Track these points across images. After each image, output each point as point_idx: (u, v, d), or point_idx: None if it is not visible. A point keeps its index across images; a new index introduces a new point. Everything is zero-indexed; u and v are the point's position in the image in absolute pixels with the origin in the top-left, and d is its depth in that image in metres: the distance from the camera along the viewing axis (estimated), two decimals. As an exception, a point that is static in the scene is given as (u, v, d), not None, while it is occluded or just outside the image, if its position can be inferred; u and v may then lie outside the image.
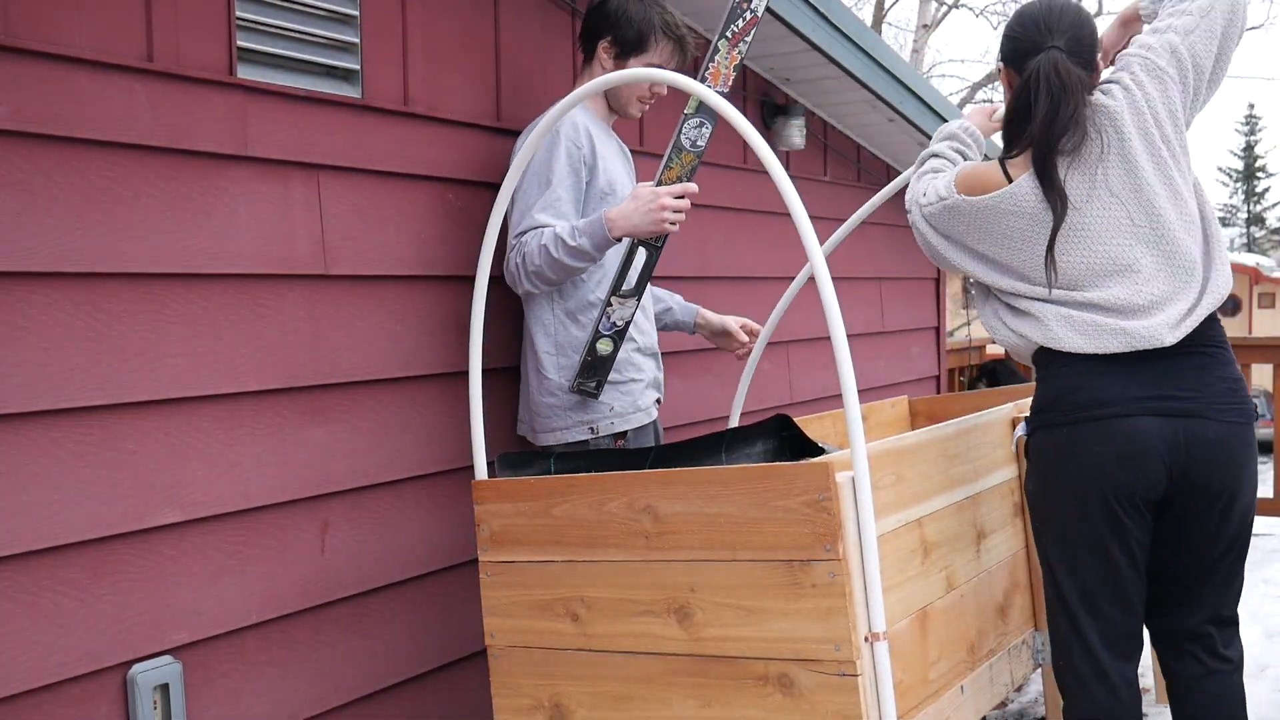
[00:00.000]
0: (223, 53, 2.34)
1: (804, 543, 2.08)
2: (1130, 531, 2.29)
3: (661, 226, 2.60)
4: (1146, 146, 2.28)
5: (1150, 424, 2.23)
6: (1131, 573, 2.33)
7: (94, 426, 2.14)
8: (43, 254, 2.05)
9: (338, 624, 2.60)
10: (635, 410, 2.85)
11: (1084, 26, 2.34)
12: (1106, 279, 2.28)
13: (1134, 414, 2.24)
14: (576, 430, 2.79)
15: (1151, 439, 2.23)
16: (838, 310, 2.06)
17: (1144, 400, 2.24)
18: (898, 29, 29.69)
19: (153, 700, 2.20)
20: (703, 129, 2.66)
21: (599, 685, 2.34)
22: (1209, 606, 2.38)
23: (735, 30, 2.65)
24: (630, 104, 2.94)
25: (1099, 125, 2.27)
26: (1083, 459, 2.28)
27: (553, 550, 2.37)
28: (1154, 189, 2.27)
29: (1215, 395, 2.25)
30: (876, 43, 4.22)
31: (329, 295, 2.56)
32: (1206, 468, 2.25)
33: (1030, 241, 2.32)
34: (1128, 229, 2.28)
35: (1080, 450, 2.29)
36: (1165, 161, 2.29)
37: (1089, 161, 2.28)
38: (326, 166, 2.55)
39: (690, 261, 3.83)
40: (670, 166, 2.67)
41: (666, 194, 2.60)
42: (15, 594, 2.03)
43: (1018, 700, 3.85)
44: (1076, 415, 2.29)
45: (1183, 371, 2.25)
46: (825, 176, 4.77)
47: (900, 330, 5.46)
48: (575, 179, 2.76)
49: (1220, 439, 2.25)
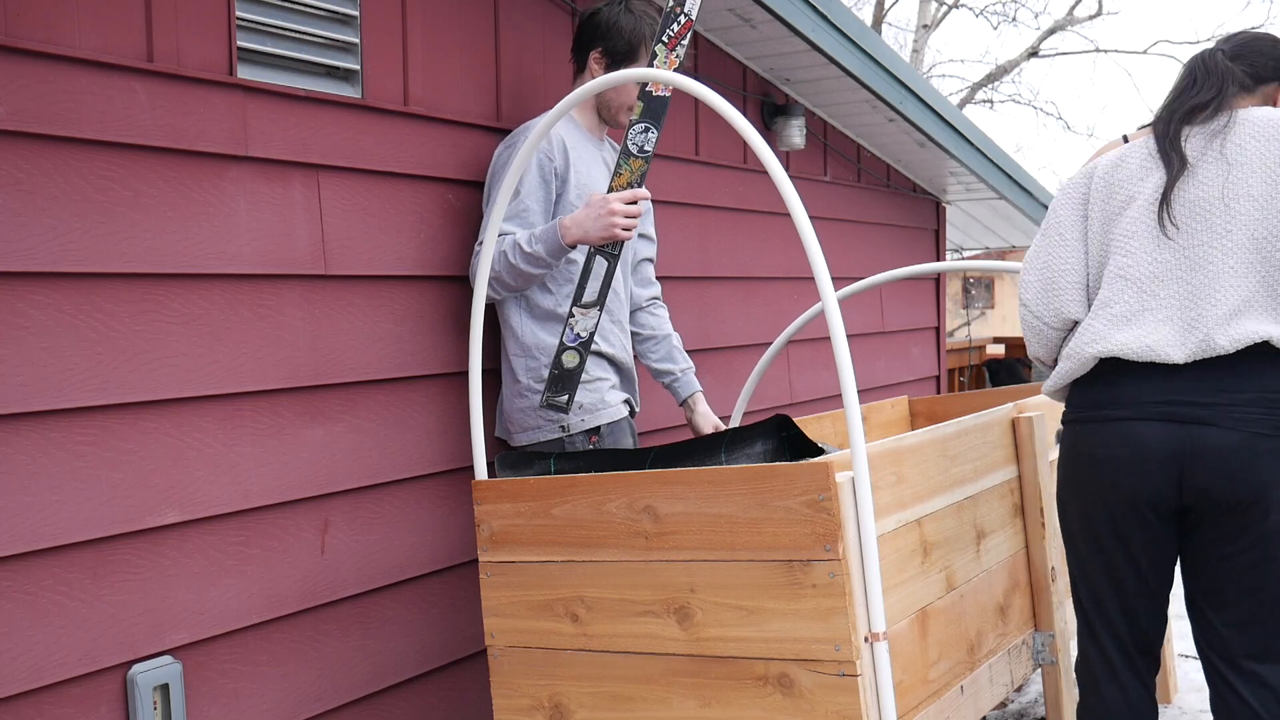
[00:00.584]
0: (223, 53, 2.34)
1: (804, 543, 2.08)
2: (1132, 534, 2.28)
3: (612, 232, 2.62)
4: (1264, 188, 2.20)
5: (1153, 429, 2.22)
6: (1135, 582, 2.30)
7: (94, 426, 2.14)
8: (43, 254, 2.05)
9: (338, 624, 2.60)
10: (604, 406, 2.86)
11: (1260, 41, 2.39)
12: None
13: (1139, 418, 2.23)
14: (548, 429, 2.81)
15: (1153, 445, 2.22)
16: (838, 310, 2.06)
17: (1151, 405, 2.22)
18: (898, 29, 29.66)
19: (153, 700, 2.20)
20: (649, 134, 2.67)
21: (599, 685, 2.34)
22: (1258, 634, 2.25)
23: (671, 34, 2.65)
24: (620, 112, 2.95)
25: (1243, 127, 2.25)
26: (1088, 460, 2.29)
27: (552, 550, 2.37)
28: (1234, 220, 2.20)
29: (1237, 404, 2.19)
30: (876, 43, 4.22)
31: (329, 295, 2.56)
32: (1214, 478, 2.19)
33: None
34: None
35: (1086, 451, 2.29)
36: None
37: (1212, 134, 2.28)
38: (326, 166, 2.55)
39: (691, 261, 3.83)
40: (620, 173, 2.68)
41: (616, 200, 2.62)
42: (15, 594, 2.03)
43: (1018, 700, 3.85)
44: (1086, 414, 2.30)
45: (1202, 380, 2.21)
46: (825, 176, 4.77)
47: (900, 330, 5.46)
48: (545, 190, 2.79)
49: (1235, 448, 2.18)
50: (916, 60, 16.50)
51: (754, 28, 3.76)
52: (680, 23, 2.65)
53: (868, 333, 5.11)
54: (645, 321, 3.16)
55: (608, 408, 2.87)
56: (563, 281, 2.82)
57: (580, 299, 2.71)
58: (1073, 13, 17.16)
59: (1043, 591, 2.95)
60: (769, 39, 3.84)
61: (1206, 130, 2.27)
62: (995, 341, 8.96)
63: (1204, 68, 2.34)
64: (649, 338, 3.16)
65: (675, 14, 2.64)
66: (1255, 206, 2.19)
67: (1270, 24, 18.67)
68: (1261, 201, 2.19)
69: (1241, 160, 2.22)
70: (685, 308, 3.80)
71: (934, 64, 21.51)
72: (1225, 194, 2.21)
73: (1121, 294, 2.27)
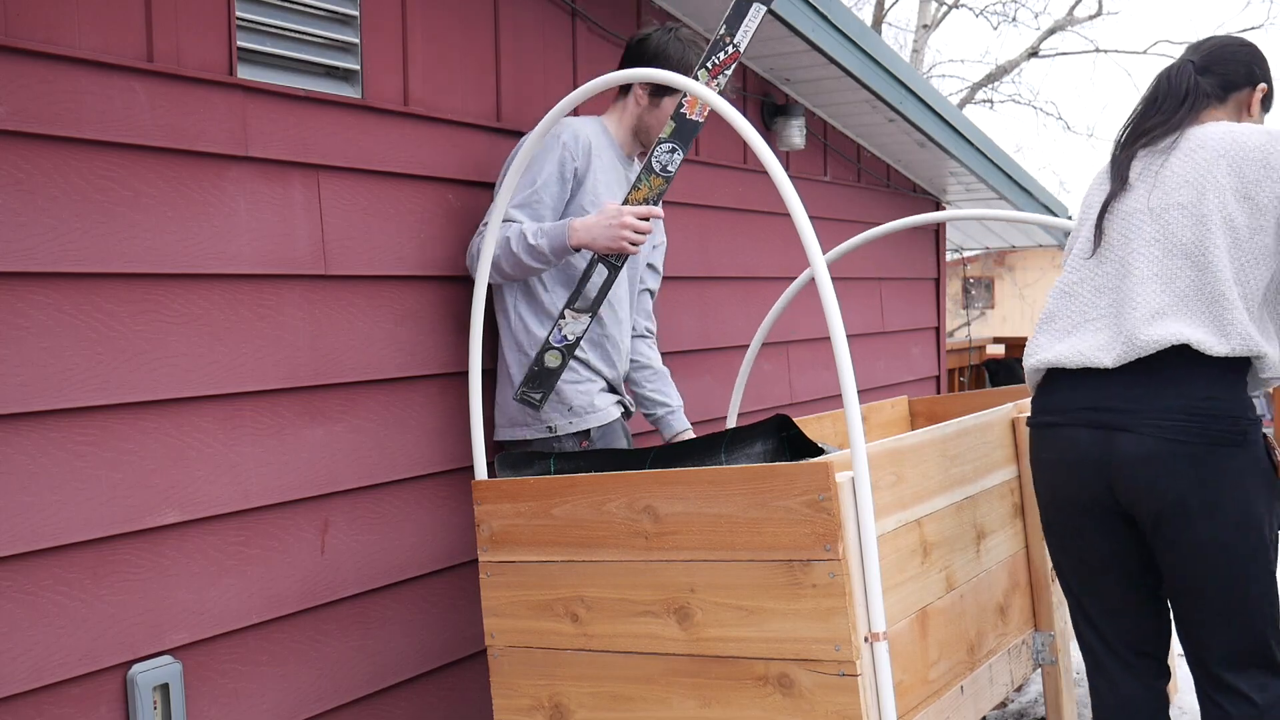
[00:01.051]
0: (223, 53, 2.34)
1: (804, 543, 2.08)
2: (1086, 535, 2.31)
3: (620, 244, 2.62)
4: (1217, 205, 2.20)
5: (1080, 434, 2.25)
6: (1105, 577, 2.32)
7: (94, 426, 2.14)
8: (43, 254, 2.05)
9: (338, 624, 2.60)
10: (593, 410, 2.85)
11: (1229, 48, 2.39)
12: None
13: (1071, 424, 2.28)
14: (535, 428, 2.81)
15: (1082, 450, 2.25)
16: (838, 310, 2.06)
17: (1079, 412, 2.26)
18: (898, 29, 29.67)
19: (153, 700, 2.20)
20: (674, 155, 2.67)
21: (599, 685, 2.34)
22: (1225, 640, 2.21)
23: (715, 62, 2.65)
24: (655, 132, 2.94)
25: (1187, 144, 2.27)
26: (1036, 463, 2.39)
27: (552, 550, 2.37)
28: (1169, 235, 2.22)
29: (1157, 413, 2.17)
30: (876, 43, 4.22)
31: (329, 295, 2.56)
32: (1134, 486, 2.20)
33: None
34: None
35: (1034, 454, 2.40)
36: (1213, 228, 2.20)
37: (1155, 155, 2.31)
38: (326, 166, 2.55)
39: (691, 261, 3.83)
40: (638, 188, 2.68)
41: (630, 213, 2.62)
42: (15, 594, 2.03)
43: (1018, 700, 3.85)
44: (1034, 419, 2.38)
45: (1129, 386, 2.20)
46: (825, 176, 4.77)
47: (900, 330, 5.47)
48: (561, 186, 2.78)
49: (1150, 455, 2.16)
50: (916, 60, 16.49)
51: (754, 28, 3.76)
52: (727, 52, 2.65)
53: (868, 333, 5.11)
54: (640, 350, 3.14)
55: (596, 411, 2.86)
56: (565, 281, 2.82)
57: (574, 302, 2.71)
58: (1073, 13, 17.16)
59: (1043, 591, 2.95)
60: (769, 39, 3.84)
61: (1153, 150, 2.31)
62: (995, 341, 8.96)
63: (1167, 85, 2.35)
64: (644, 366, 3.14)
65: (724, 42, 2.64)
66: (1184, 214, 2.21)
67: (1270, 23, 18.67)
68: (1189, 209, 2.20)
69: (1172, 172, 2.25)
70: (685, 308, 3.80)
71: (934, 64, 21.50)
72: (1152, 204, 2.25)
73: (1064, 308, 2.33)
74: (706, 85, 2.62)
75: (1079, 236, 2.37)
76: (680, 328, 3.78)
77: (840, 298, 2.10)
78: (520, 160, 2.57)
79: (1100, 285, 2.29)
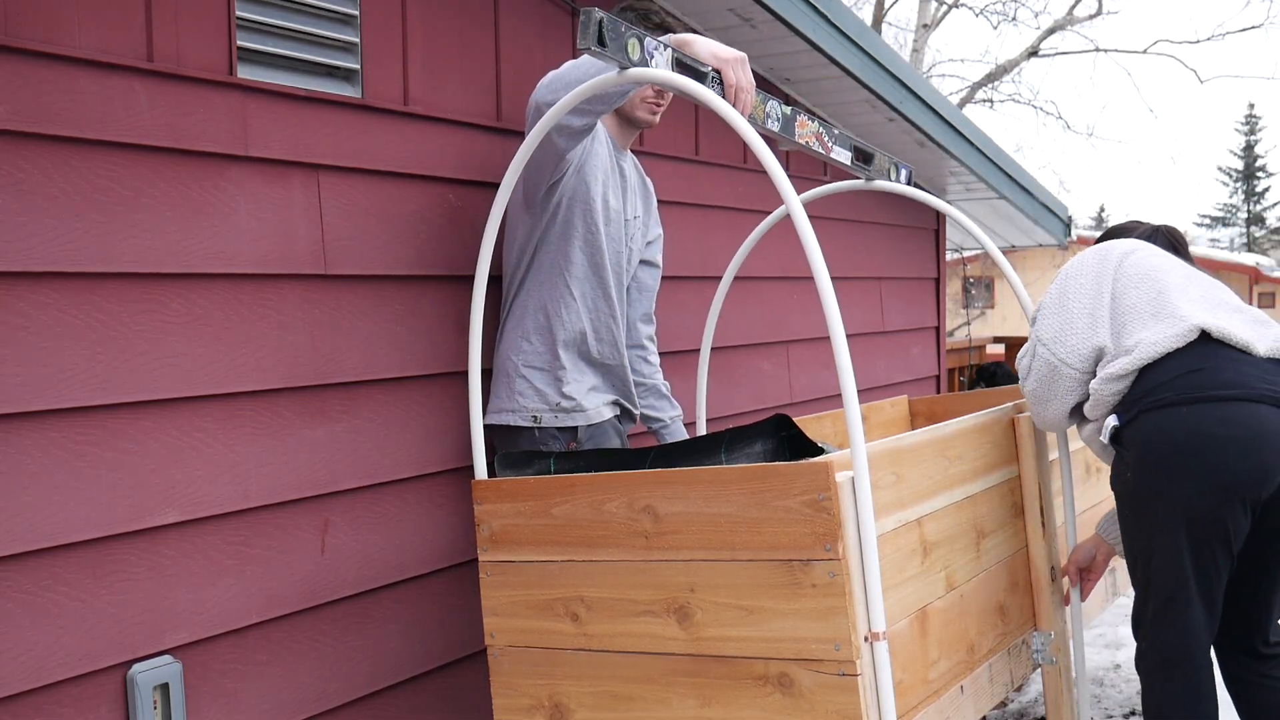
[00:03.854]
0: (223, 52, 2.34)
1: (804, 543, 2.08)
2: (1236, 519, 2.33)
3: (729, 69, 2.43)
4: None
5: (1273, 412, 2.28)
6: (1228, 564, 2.36)
7: (94, 426, 2.14)
8: (42, 254, 2.05)
9: (338, 624, 2.60)
10: (579, 409, 2.82)
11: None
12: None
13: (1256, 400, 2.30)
14: (520, 415, 2.78)
15: (1270, 425, 2.27)
16: (837, 310, 2.06)
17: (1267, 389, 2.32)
18: (898, 29, 29.68)
19: (153, 700, 2.20)
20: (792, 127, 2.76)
21: (599, 685, 2.34)
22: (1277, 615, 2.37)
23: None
24: (637, 108, 2.89)
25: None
26: (1201, 439, 2.33)
27: (552, 550, 2.37)
28: None
29: None
30: (876, 42, 4.22)
31: (329, 295, 2.56)
32: None
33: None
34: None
35: (1202, 430, 2.32)
36: None
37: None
38: (326, 166, 2.55)
39: (691, 261, 3.83)
40: (759, 105, 2.63)
41: (749, 78, 2.49)
42: (15, 594, 2.03)
43: (1018, 700, 3.85)
44: (1188, 396, 2.35)
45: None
46: (825, 176, 4.77)
47: (900, 330, 5.46)
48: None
49: None
50: (916, 60, 16.50)
51: (754, 27, 3.76)
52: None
53: (868, 332, 5.11)
54: (638, 368, 3.11)
55: (583, 411, 2.84)
56: (570, 281, 2.80)
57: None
58: (1073, 12, 17.17)
59: (1043, 591, 2.95)
60: (769, 39, 3.84)
61: None
62: (995, 341, 8.96)
63: None
64: (638, 384, 3.10)
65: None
66: None
67: (1270, 23, 18.64)
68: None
69: None
70: (685, 308, 3.80)
71: (934, 64, 21.50)
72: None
73: (1176, 284, 2.51)
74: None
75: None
76: (680, 327, 3.78)
77: (840, 297, 2.10)
78: (522, 154, 2.55)
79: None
